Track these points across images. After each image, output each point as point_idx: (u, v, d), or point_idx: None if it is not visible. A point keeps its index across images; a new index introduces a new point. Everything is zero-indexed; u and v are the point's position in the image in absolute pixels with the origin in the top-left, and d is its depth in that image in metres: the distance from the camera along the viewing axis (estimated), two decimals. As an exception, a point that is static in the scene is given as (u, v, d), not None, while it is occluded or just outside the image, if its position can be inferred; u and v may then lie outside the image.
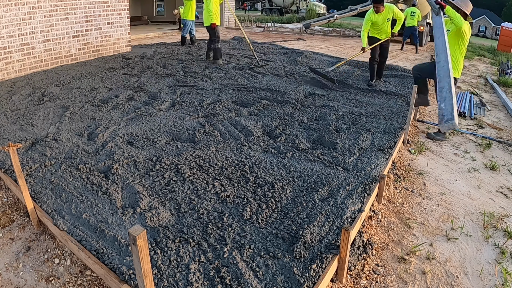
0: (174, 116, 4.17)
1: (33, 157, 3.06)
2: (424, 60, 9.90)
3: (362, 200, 2.70)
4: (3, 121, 3.80)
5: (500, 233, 2.76)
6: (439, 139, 4.45)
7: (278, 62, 7.68)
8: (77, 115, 4.06)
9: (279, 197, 2.66)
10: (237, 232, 2.27)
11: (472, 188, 3.43)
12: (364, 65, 7.65)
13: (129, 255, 2.02)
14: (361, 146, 3.63)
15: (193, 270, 1.95)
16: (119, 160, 3.05)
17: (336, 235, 2.28)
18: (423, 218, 2.88)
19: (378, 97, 5.55)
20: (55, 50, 6.23)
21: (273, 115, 4.38)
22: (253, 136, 3.72)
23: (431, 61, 5.89)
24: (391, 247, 2.49)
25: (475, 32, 45.02)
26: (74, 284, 2.03)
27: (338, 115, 4.50)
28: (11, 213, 2.58)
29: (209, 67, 6.79)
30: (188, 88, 5.31)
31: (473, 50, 15.42)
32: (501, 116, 5.87)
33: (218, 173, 2.96)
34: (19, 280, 2.05)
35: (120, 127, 3.78)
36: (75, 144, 3.37)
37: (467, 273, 2.32)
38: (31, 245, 2.30)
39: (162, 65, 6.76)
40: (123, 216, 2.36)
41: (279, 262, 2.06)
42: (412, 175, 3.55)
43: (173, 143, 3.48)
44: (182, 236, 2.19)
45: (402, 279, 2.22)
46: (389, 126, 4.23)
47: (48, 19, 6.00)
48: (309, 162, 3.26)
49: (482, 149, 4.34)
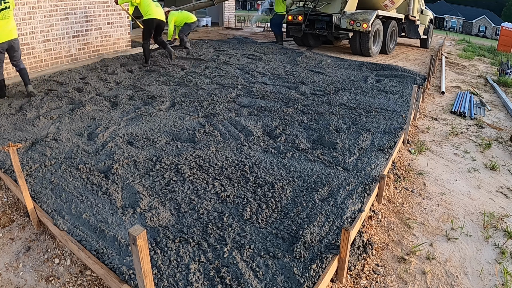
0: (174, 116, 4.17)
1: (33, 157, 3.06)
2: (424, 60, 9.90)
3: (362, 200, 2.70)
4: (3, 121, 3.80)
5: (500, 233, 2.76)
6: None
7: (278, 62, 7.68)
8: (77, 115, 4.06)
9: (279, 197, 2.66)
10: (237, 232, 2.27)
11: (472, 188, 3.43)
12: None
13: (129, 255, 2.02)
14: (361, 146, 3.63)
15: (193, 270, 1.95)
16: (119, 160, 3.05)
17: (336, 235, 2.28)
18: (423, 218, 2.88)
19: (378, 97, 5.55)
20: (55, 50, 6.23)
21: (273, 115, 4.38)
22: (253, 136, 3.72)
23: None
24: (391, 247, 2.49)
25: (475, 32, 45.07)
26: (74, 284, 2.03)
27: (338, 116, 4.50)
28: (11, 213, 2.58)
29: (209, 66, 6.79)
30: (188, 88, 5.31)
31: (473, 50, 15.41)
32: (501, 116, 5.87)
33: (218, 173, 2.96)
34: (19, 280, 2.05)
35: (120, 127, 3.78)
36: (75, 144, 3.37)
37: (467, 273, 2.32)
38: (31, 245, 2.30)
39: (162, 65, 6.76)
40: (123, 216, 2.36)
41: (279, 262, 2.06)
42: (412, 175, 3.55)
43: (173, 143, 3.48)
44: (182, 236, 2.19)
45: (402, 279, 2.22)
46: (389, 126, 4.23)
47: (48, 19, 6.00)
48: (309, 162, 3.26)
49: (482, 149, 4.34)
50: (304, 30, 9.59)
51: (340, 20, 9.08)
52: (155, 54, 7.53)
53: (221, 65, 7.04)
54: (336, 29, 9.26)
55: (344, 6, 9.20)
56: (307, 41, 10.53)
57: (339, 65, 7.95)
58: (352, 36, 9.25)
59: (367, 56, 9.36)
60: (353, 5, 9.39)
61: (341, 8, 9.24)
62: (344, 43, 11.65)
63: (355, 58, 8.91)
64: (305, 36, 10.23)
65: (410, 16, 11.20)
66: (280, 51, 9.15)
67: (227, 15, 14.90)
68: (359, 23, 8.74)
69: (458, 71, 9.73)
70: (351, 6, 9.32)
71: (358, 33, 9.08)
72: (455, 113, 5.70)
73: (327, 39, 10.49)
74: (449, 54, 13.12)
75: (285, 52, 8.97)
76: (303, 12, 9.54)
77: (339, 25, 9.13)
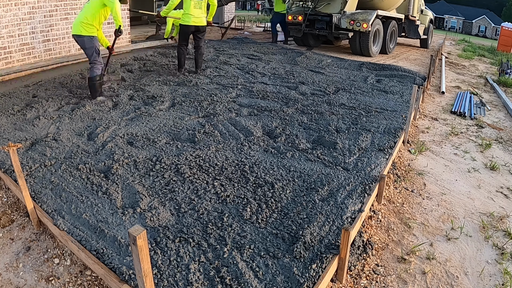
0: (174, 116, 4.17)
1: (33, 157, 3.06)
2: (424, 60, 9.90)
3: (362, 200, 2.70)
4: (3, 121, 3.80)
5: (500, 233, 2.76)
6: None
7: (278, 62, 7.68)
8: (77, 115, 4.06)
9: (279, 197, 2.66)
10: (237, 232, 2.27)
11: (472, 188, 3.43)
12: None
13: (129, 255, 2.02)
14: (361, 146, 3.63)
15: (193, 270, 1.95)
16: (119, 160, 3.05)
17: (336, 235, 2.28)
18: (423, 218, 2.88)
19: (378, 97, 5.55)
20: (55, 50, 6.23)
21: (273, 115, 4.38)
22: (253, 136, 3.72)
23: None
24: (391, 247, 2.49)
25: (475, 32, 45.05)
26: (74, 284, 2.03)
27: (338, 116, 4.50)
28: (11, 213, 2.58)
29: (209, 66, 6.79)
30: (188, 88, 5.31)
31: (473, 50, 15.41)
32: (501, 116, 5.87)
33: (218, 173, 2.96)
34: (19, 280, 2.05)
35: (120, 127, 3.78)
36: (75, 144, 3.37)
37: (467, 273, 2.32)
38: (31, 245, 2.30)
39: (162, 64, 6.76)
40: (123, 216, 2.36)
41: (279, 262, 2.06)
42: (412, 175, 3.55)
43: (173, 143, 3.48)
44: (182, 236, 2.19)
45: (402, 279, 2.22)
46: (389, 126, 4.24)
47: (48, 19, 6.00)
48: (309, 162, 3.26)
49: (482, 149, 4.34)
50: (304, 30, 9.59)
51: (340, 20, 9.08)
52: (156, 55, 7.52)
53: (221, 65, 7.05)
54: (336, 29, 9.26)
55: (344, 6, 9.20)
56: (307, 41, 10.53)
57: (339, 65, 7.95)
58: (352, 36, 9.25)
59: (367, 56, 9.37)
60: (353, 5, 9.39)
61: (341, 8, 9.24)
62: (344, 43, 11.65)
63: (355, 58, 8.92)
64: (305, 36, 10.23)
65: (410, 16, 11.20)
66: (280, 51, 9.15)
67: (227, 15, 14.90)
68: (359, 23, 8.74)
69: (458, 71, 9.73)
70: (351, 6, 9.32)
71: (358, 33, 9.08)
72: (455, 113, 5.70)
73: (327, 39, 10.50)
74: (449, 54, 13.13)
75: (285, 52, 8.97)
76: (303, 12, 9.55)
77: (339, 25, 9.13)
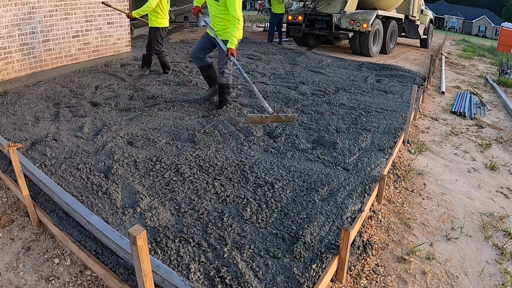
0: (174, 116, 4.17)
1: (33, 157, 3.06)
2: (424, 60, 9.91)
3: (362, 200, 2.70)
4: (3, 121, 3.79)
5: (500, 233, 2.76)
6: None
7: (278, 62, 7.68)
8: (77, 115, 4.06)
9: (279, 197, 2.66)
10: (237, 232, 2.27)
11: (472, 188, 3.43)
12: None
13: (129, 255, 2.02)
14: (361, 146, 3.63)
15: (193, 270, 1.95)
16: (119, 160, 3.05)
17: (336, 235, 2.28)
18: (423, 218, 2.88)
19: (378, 97, 5.55)
20: (55, 50, 6.23)
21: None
22: (253, 136, 3.72)
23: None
24: (391, 247, 2.49)
25: (475, 32, 45.05)
26: (74, 284, 2.03)
27: (338, 116, 4.50)
28: (11, 213, 2.58)
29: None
30: (188, 88, 5.31)
31: (473, 50, 15.42)
32: (501, 116, 5.87)
33: (218, 173, 2.96)
34: (19, 280, 2.05)
35: (120, 127, 3.78)
36: (75, 144, 3.37)
37: (467, 273, 2.32)
38: (31, 245, 2.30)
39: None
40: (123, 216, 2.36)
41: (279, 262, 2.06)
42: (412, 175, 3.55)
43: (173, 143, 3.48)
44: (182, 236, 2.19)
45: (402, 279, 2.22)
46: (389, 126, 4.24)
47: (48, 19, 6.00)
48: (309, 162, 3.26)
49: (482, 149, 4.34)
50: (304, 30, 9.59)
51: (340, 20, 9.09)
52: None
53: (221, 65, 7.04)
54: (336, 29, 9.26)
55: (344, 6, 9.20)
56: (307, 41, 10.53)
57: (339, 65, 7.95)
58: (352, 36, 9.25)
59: (367, 56, 9.37)
60: (353, 5, 9.40)
61: (341, 8, 9.24)
62: (344, 43, 11.65)
63: (355, 58, 8.92)
64: (305, 36, 10.24)
65: (410, 16, 11.20)
66: (280, 51, 9.15)
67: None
68: (359, 23, 8.74)
69: (458, 71, 9.73)
70: (351, 6, 9.32)
71: (358, 33, 9.09)
72: (455, 113, 5.70)
73: (327, 39, 10.50)
74: (449, 54, 13.13)
75: (285, 52, 8.97)
76: (303, 12, 9.55)
77: (339, 25, 9.13)
